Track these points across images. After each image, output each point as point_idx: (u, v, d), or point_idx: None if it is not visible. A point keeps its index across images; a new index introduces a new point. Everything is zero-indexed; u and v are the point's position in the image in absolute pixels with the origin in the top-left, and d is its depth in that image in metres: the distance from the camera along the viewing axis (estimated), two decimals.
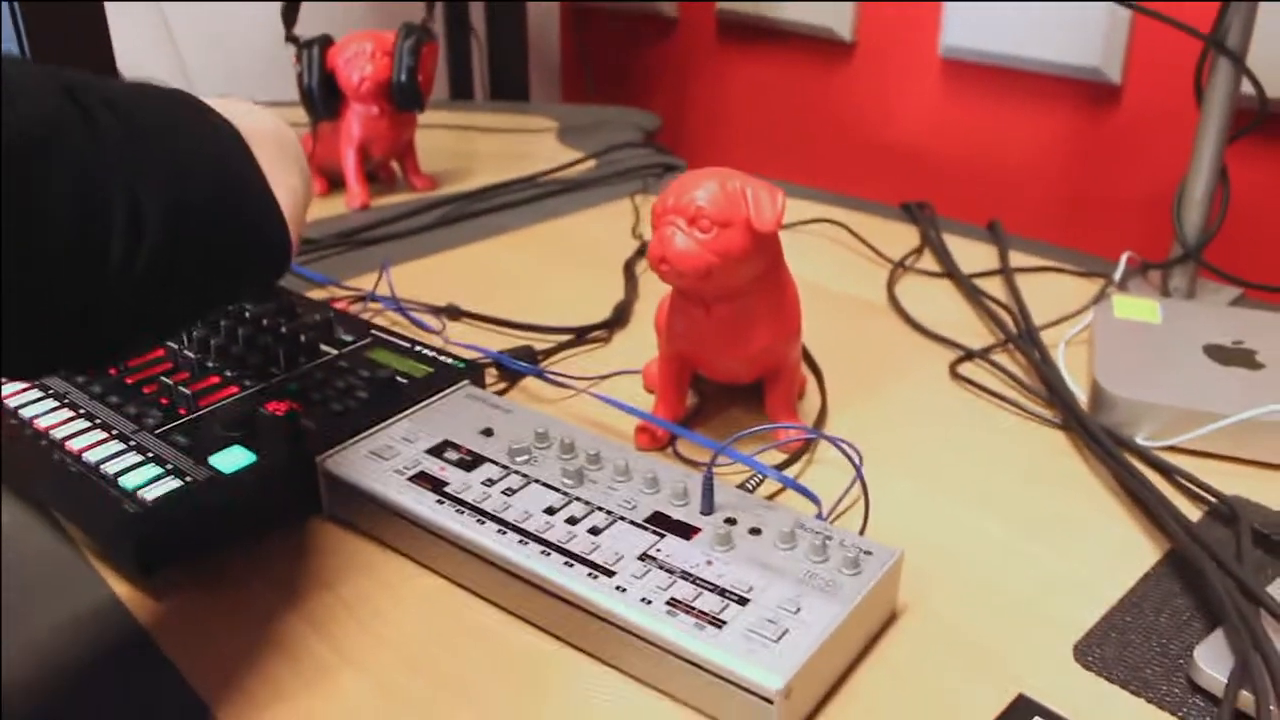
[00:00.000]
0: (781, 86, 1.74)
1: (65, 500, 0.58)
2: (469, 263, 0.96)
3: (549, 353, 0.77)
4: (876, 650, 0.51)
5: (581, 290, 0.90)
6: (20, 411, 0.63)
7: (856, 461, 0.60)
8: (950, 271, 0.92)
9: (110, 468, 0.57)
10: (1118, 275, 0.89)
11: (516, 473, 0.57)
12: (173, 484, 0.56)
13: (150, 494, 0.55)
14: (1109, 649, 0.50)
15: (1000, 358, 0.78)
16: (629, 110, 1.47)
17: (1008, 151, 1.48)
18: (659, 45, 1.94)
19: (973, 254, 0.97)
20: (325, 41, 1.06)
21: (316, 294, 0.88)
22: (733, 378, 0.67)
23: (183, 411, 0.63)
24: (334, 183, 1.14)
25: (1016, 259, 0.95)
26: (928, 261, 0.95)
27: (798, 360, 0.68)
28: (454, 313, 0.83)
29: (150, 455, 0.58)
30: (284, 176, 0.52)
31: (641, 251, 0.95)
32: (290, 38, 1.08)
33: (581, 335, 0.80)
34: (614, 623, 0.48)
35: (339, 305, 0.83)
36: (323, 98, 1.05)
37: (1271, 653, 0.46)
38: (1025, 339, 0.78)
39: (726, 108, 1.85)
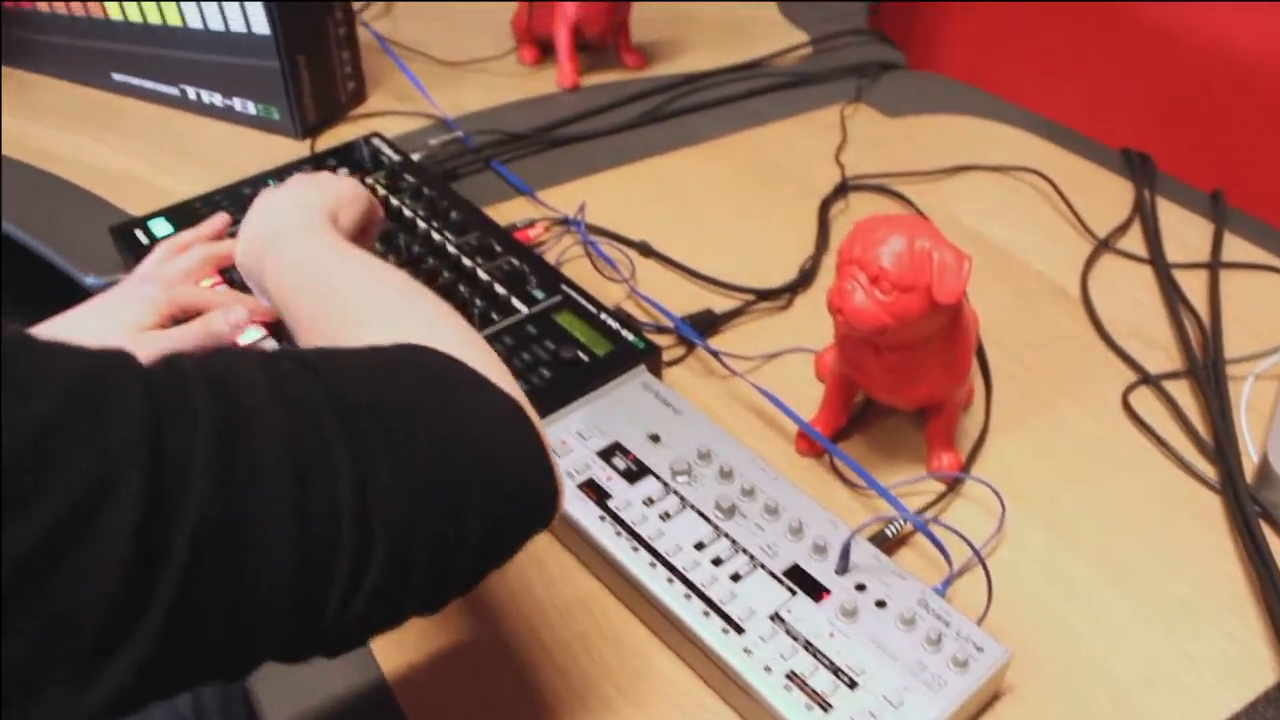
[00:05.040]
0: None
1: None
2: (666, 176, 0.98)
3: (729, 316, 0.80)
4: None
5: (774, 227, 0.91)
6: None
7: (999, 512, 0.63)
8: (1154, 259, 0.88)
9: None
10: None
11: (675, 493, 0.62)
12: None
13: None
14: None
15: (1180, 388, 0.76)
16: None
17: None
18: None
19: (1187, 232, 0.92)
20: None
21: (516, 204, 0.92)
22: (895, 407, 0.69)
23: None
24: (545, 50, 1.15)
25: (1233, 248, 0.90)
26: (1134, 239, 0.92)
27: (963, 398, 0.69)
28: (645, 250, 0.86)
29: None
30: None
31: (841, 189, 0.94)
32: None
33: (762, 296, 0.82)
34: (736, 681, 0.54)
35: (535, 231, 0.87)
36: None
37: None
38: (1209, 373, 0.77)
39: None
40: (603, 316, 0.74)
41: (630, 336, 0.72)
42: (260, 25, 0.96)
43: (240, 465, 0.34)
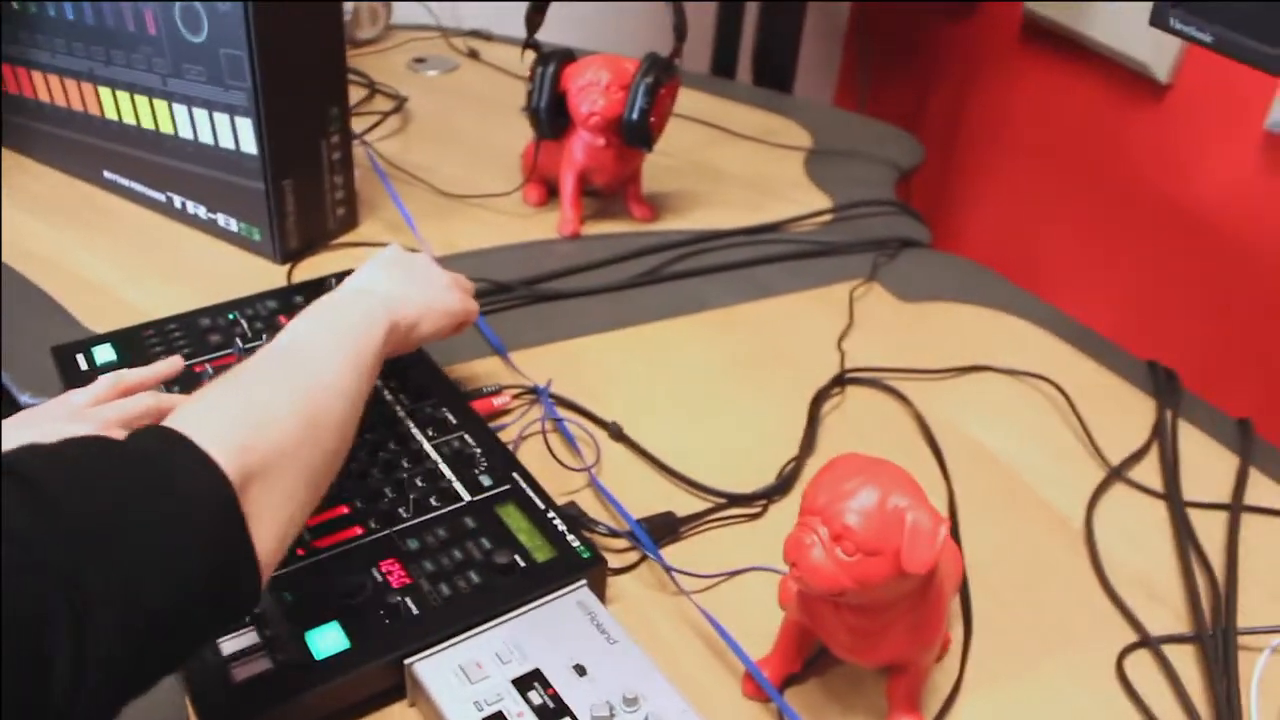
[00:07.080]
0: (1075, 114, 1.56)
1: None
2: (656, 347, 0.93)
3: (693, 519, 0.73)
4: None
5: (762, 416, 0.85)
6: None
7: None
8: (1169, 494, 0.81)
9: None
10: None
11: None
12: (264, 664, 0.57)
13: (241, 672, 0.56)
14: None
15: (1183, 655, 0.68)
16: (891, 132, 1.35)
17: None
18: (954, 30, 1.77)
19: (1209, 464, 0.84)
20: (563, 59, 1.01)
21: (487, 363, 0.87)
22: (856, 664, 0.62)
23: (300, 551, 0.63)
24: (553, 191, 1.11)
25: (1259, 488, 0.82)
26: (1150, 468, 0.84)
27: (932, 659, 0.61)
28: (616, 433, 0.80)
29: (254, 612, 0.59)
30: (289, 499, 0.51)
31: (837, 380, 0.88)
32: (530, 43, 1.03)
33: (734, 501, 0.75)
34: None
35: (501, 400, 0.81)
36: (549, 120, 1.01)
37: None
38: (1217, 642, 0.68)
39: (1011, 118, 1.68)
40: (550, 515, 0.67)
41: (576, 543, 0.65)
42: (249, 144, 0.92)
43: None
